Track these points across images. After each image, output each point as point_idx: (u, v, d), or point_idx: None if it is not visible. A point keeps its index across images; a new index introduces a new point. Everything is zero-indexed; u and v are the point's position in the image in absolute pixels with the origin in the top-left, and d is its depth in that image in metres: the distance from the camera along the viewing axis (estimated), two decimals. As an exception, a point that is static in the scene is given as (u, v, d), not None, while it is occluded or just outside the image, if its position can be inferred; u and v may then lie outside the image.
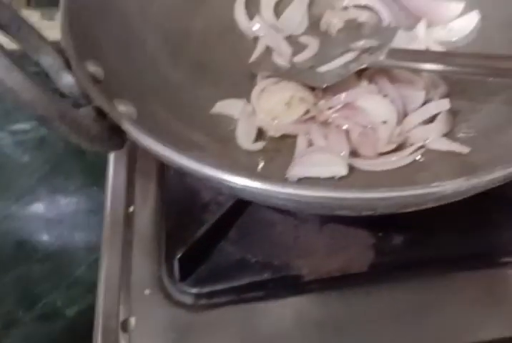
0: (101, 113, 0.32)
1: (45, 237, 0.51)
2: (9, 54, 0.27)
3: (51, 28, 0.43)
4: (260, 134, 0.47)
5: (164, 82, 0.45)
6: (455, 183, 0.31)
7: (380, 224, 0.45)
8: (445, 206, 0.36)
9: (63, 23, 0.37)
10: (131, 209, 0.48)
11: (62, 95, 0.32)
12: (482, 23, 0.51)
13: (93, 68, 0.35)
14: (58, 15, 0.38)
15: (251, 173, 0.41)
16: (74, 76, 0.33)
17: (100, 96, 0.32)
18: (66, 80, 0.33)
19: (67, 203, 0.53)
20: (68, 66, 0.34)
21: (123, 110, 0.34)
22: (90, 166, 0.54)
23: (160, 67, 0.46)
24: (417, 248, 0.45)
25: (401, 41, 0.52)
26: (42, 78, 0.33)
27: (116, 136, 0.32)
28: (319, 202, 0.32)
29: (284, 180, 0.43)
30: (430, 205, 0.35)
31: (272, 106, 0.47)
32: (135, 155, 0.51)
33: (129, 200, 0.48)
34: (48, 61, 0.33)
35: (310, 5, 0.56)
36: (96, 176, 0.53)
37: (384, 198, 0.31)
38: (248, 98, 0.48)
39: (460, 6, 0.52)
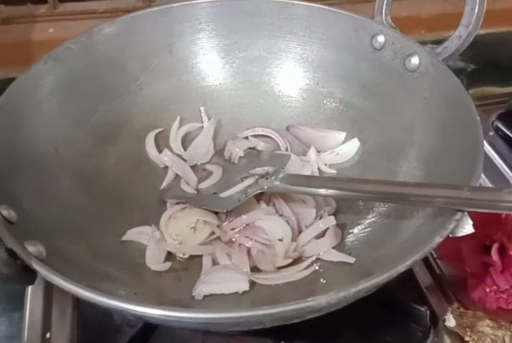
0: (12, 254, 0.34)
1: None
2: None
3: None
4: (169, 256, 0.50)
5: (76, 216, 0.47)
6: (327, 296, 0.34)
7: (282, 332, 0.48)
8: (337, 312, 0.39)
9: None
10: (47, 335, 0.48)
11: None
12: (362, 147, 0.60)
13: (6, 212, 0.37)
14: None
15: (158, 299, 0.44)
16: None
17: (12, 239, 0.35)
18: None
19: (-13, 329, 0.52)
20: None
21: (33, 250, 0.36)
22: (11, 292, 0.54)
23: (73, 203, 0.48)
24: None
25: (295, 165, 0.59)
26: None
27: (27, 273, 0.34)
28: (212, 323, 0.35)
29: (191, 298, 0.46)
30: (311, 316, 0.38)
31: (179, 231, 0.51)
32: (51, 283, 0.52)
33: (46, 327, 0.49)
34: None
35: (214, 136, 0.62)
36: (18, 301, 0.53)
37: (266, 314, 0.33)
38: (157, 225, 0.52)
39: (343, 134, 0.61)
